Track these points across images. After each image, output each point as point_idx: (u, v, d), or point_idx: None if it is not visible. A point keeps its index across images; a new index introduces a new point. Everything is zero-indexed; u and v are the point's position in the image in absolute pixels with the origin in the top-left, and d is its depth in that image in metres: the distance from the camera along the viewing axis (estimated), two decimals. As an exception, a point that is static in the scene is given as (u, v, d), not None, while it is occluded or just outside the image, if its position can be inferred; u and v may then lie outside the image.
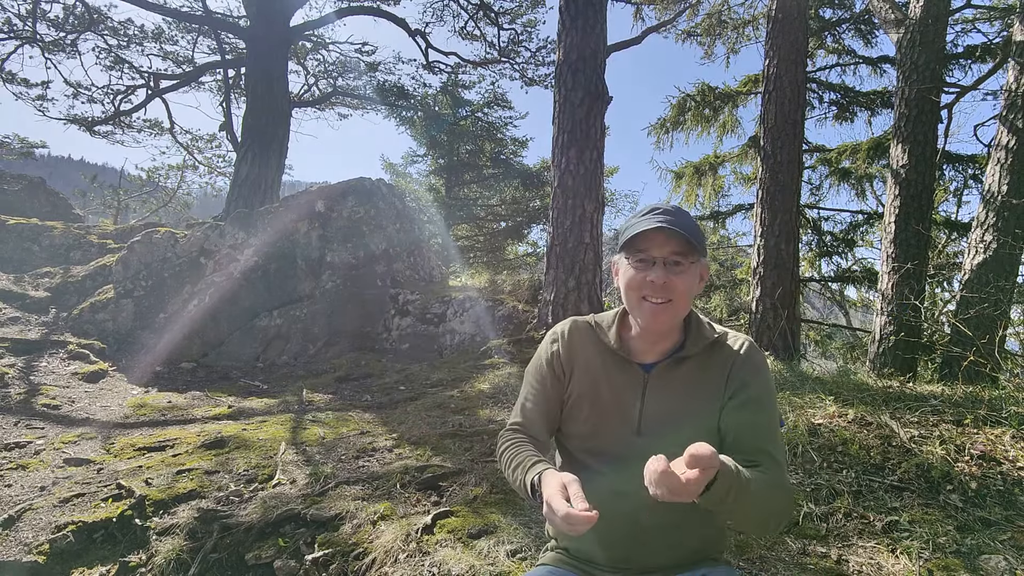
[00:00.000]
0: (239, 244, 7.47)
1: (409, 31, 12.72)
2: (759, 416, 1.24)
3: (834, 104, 9.73)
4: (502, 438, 1.39)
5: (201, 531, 2.63)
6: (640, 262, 1.23)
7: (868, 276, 9.60)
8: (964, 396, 3.49)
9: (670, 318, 1.25)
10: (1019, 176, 4.85)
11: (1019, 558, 2.06)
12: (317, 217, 7.80)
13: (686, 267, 1.22)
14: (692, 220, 1.25)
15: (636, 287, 1.24)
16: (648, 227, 1.18)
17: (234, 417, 4.53)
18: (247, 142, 10.48)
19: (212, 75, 13.95)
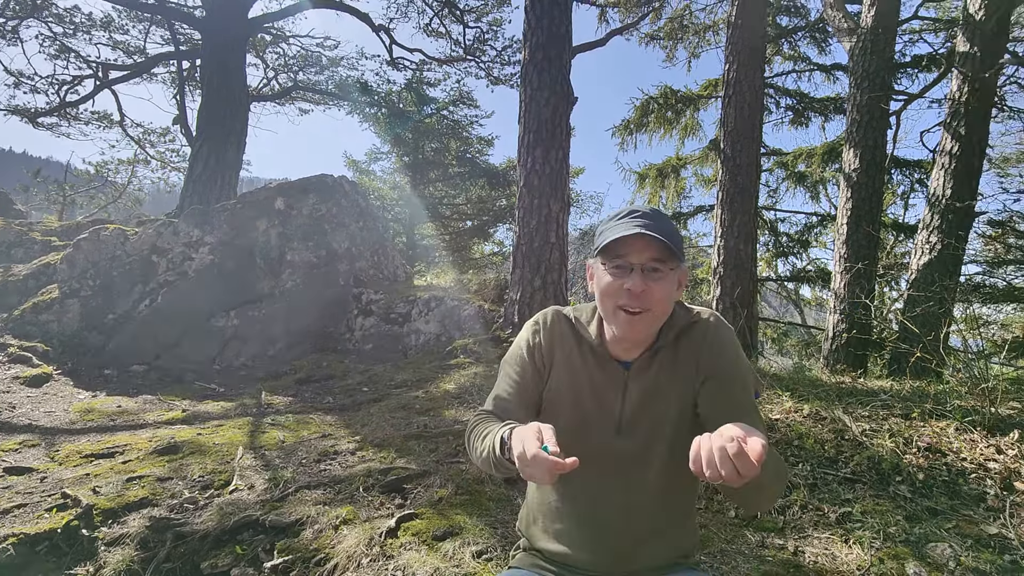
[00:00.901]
0: (194, 242, 7.21)
1: (373, 26, 12.52)
2: (735, 395, 1.23)
3: (790, 109, 10.06)
4: (470, 423, 1.33)
5: (153, 540, 2.52)
6: (617, 268, 1.17)
7: (822, 276, 9.97)
8: (911, 391, 3.65)
9: (646, 327, 1.21)
10: (962, 181, 5.11)
11: (963, 545, 2.16)
12: (277, 214, 7.60)
13: (665, 274, 1.16)
14: (671, 224, 1.20)
15: (612, 294, 1.18)
16: (627, 233, 1.12)
17: (189, 421, 4.36)
18: (202, 136, 10.12)
19: (165, 66, 13.42)
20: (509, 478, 2.94)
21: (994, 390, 3.21)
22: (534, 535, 1.40)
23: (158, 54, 12.72)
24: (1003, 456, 2.68)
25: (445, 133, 14.94)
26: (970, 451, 2.76)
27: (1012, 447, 2.73)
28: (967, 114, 5.13)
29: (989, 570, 2.02)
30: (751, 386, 1.28)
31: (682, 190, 11.38)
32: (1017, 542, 2.15)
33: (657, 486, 1.28)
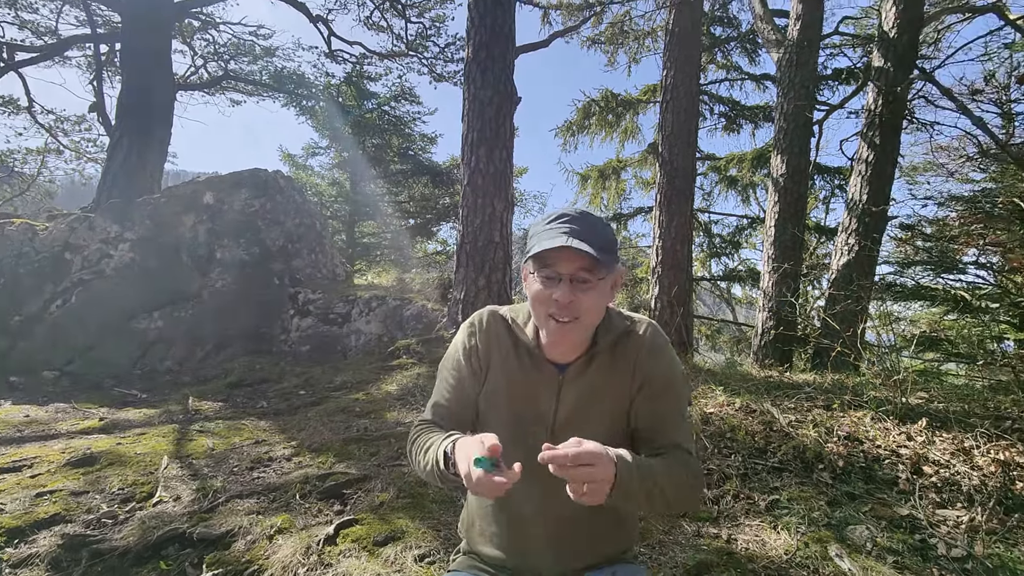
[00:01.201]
0: (112, 238, 6.73)
1: (310, 16, 12.10)
2: (665, 407, 1.25)
3: (723, 116, 10.51)
4: (411, 433, 1.29)
5: (67, 559, 2.33)
6: (546, 278, 1.15)
7: (751, 275, 10.48)
8: (832, 383, 3.89)
9: (577, 336, 1.21)
10: (877, 187, 5.48)
11: (879, 527, 2.32)
12: (205, 209, 7.21)
13: (594, 283, 1.14)
14: (603, 228, 1.17)
15: (542, 303, 1.17)
16: (552, 244, 1.10)
17: (107, 430, 4.06)
18: (122, 126, 9.44)
19: (80, 49, 12.44)
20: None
21: (904, 381, 3.46)
22: (473, 538, 1.39)
23: (72, 36, 11.76)
24: (912, 443, 2.90)
25: (387, 129, 14.62)
26: (884, 439, 2.97)
27: (920, 434, 2.95)
28: (881, 125, 5.52)
29: (901, 549, 2.18)
30: (684, 395, 1.31)
31: (622, 191, 11.67)
32: (926, 522, 2.33)
33: None
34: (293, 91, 13.41)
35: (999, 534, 2.25)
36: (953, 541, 2.21)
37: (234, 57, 13.04)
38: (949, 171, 8.23)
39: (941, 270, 5.57)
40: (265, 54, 12.97)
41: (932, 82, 5.74)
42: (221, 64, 13.16)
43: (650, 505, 1.05)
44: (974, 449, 2.76)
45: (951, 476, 2.61)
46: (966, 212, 6.03)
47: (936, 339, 5.08)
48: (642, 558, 2.19)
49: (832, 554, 2.12)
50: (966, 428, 2.92)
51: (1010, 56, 6.95)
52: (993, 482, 2.49)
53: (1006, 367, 3.56)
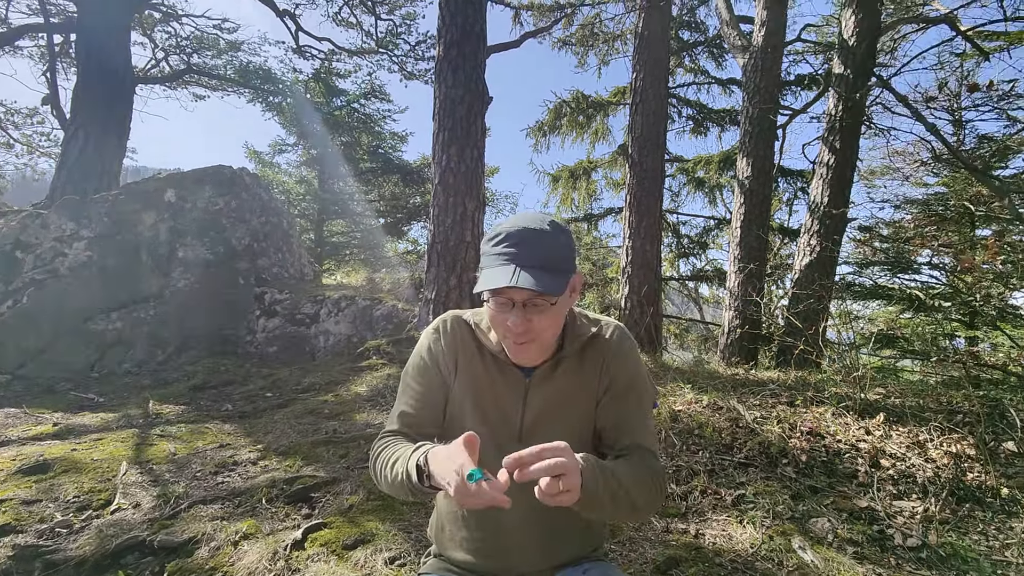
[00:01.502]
0: (67, 236, 6.47)
1: (277, 11, 11.86)
2: (630, 406, 1.26)
3: (691, 119, 10.69)
4: (375, 446, 1.25)
5: (18, 571, 2.23)
6: (500, 305, 1.12)
7: (718, 275, 10.69)
8: (795, 380, 4.00)
9: (537, 352, 1.19)
10: (837, 190, 5.66)
11: (839, 519, 2.39)
12: (167, 207, 6.99)
13: (546, 307, 1.10)
14: (550, 243, 1.09)
15: (499, 326, 1.15)
16: (499, 284, 1.03)
17: (62, 436, 3.90)
18: (79, 119, 9.07)
19: (33, 39, 11.91)
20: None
21: (863, 378, 3.59)
22: (442, 542, 1.39)
23: (23, 25, 11.25)
24: (871, 437, 3.00)
25: (356, 127, 14.42)
26: (844, 433, 3.06)
27: (878, 428, 3.06)
28: (841, 130, 5.70)
29: (861, 540, 2.25)
30: (649, 398, 1.31)
31: (593, 192, 11.76)
32: (883, 513, 2.42)
33: None
34: (259, 87, 13.11)
35: (951, 523, 2.35)
36: (909, 531, 2.30)
37: (197, 51, 12.68)
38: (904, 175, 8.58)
39: (897, 270, 5.79)
40: (230, 48, 12.64)
41: (889, 89, 5.94)
42: (183, 58, 12.77)
43: (615, 507, 1.04)
44: (928, 442, 2.87)
45: (907, 468, 2.71)
46: (920, 215, 6.28)
47: (892, 337, 5.27)
48: (612, 555, 2.22)
49: (795, 546, 2.18)
50: (921, 422, 3.04)
51: (961, 65, 7.27)
52: (946, 474, 2.60)
53: (957, 363, 3.72)
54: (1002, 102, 5.70)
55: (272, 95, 13.43)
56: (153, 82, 12.73)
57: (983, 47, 5.87)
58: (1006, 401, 3.07)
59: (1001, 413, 3.00)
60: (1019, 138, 6.34)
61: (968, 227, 5.93)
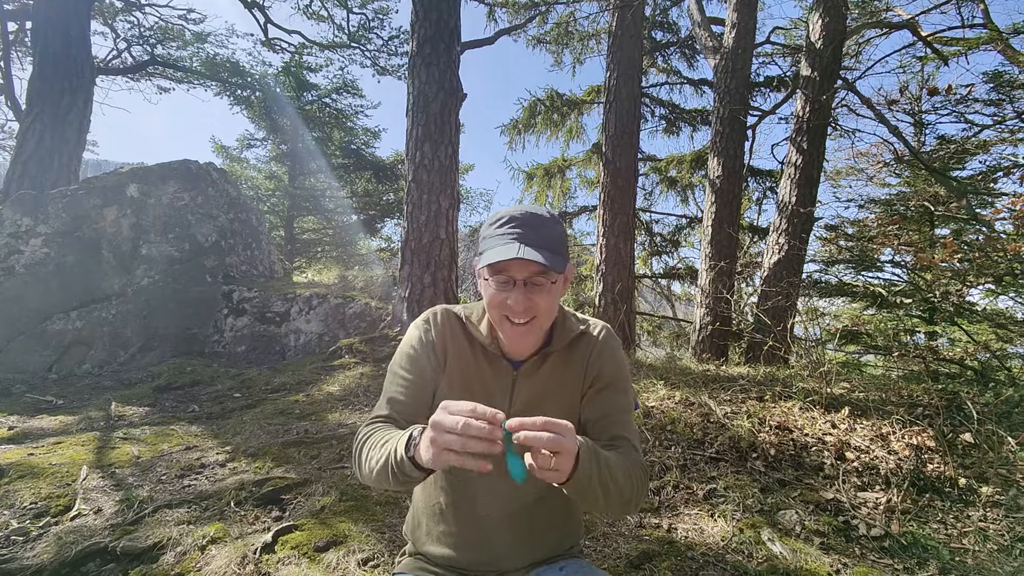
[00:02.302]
0: (23, 232, 6.21)
1: (245, 2, 11.58)
2: (614, 402, 1.28)
3: (663, 118, 10.81)
4: (361, 433, 1.22)
5: (-32, 583, 2.13)
6: (501, 284, 1.17)
7: (690, 273, 10.85)
8: (764, 376, 4.08)
9: (534, 336, 1.23)
10: (805, 189, 5.80)
11: (806, 510, 2.45)
12: (130, 202, 6.77)
13: (547, 285, 1.17)
14: (551, 228, 1.19)
15: (498, 306, 1.19)
16: (505, 257, 1.10)
17: (17, 440, 3.74)
18: (35, 110, 8.70)
19: (-15, 26, 11.39)
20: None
21: (829, 373, 3.68)
22: (419, 539, 1.38)
23: (-26, 11, 10.78)
24: (836, 430, 3.08)
25: (327, 122, 14.18)
26: (811, 427, 3.14)
27: (843, 422, 3.14)
28: (809, 131, 5.83)
29: (827, 531, 2.31)
30: (631, 395, 1.34)
31: (567, 190, 11.81)
32: (848, 504, 2.48)
33: (540, 485, 1.30)
34: (227, 80, 12.79)
35: (913, 513, 2.42)
36: (873, 521, 2.37)
37: (161, 42, 12.28)
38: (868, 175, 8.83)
39: (861, 268, 5.96)
40: (196, 40, 12.28)
41: (854, 91, 6.11)
42: (147, 48, 12.36)
43: (605, 497, 1.04)
44: (891, 435, 2.96)
45: (870, 461, 2.79)
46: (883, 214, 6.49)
47: (856, 333, 5.43)
48: (587, 551, 2.23)
49: (765, 538, 2.23)
50: (883, 415, 3.13)
51: (922, 69, 7.51)
52: (907, 465, 2.68)
53: (917, 358, 3.85)
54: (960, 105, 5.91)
55: (240, 88, 13.11)
56: (115, 73, 12.29)
57: (943, 52, 6.08)
58: (963, 394, 3.18)
59: (959, 406, 3.11)
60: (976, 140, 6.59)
61: (928, 226, 6.14)
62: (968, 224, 5.61)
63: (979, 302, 5.02)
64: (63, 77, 8.87)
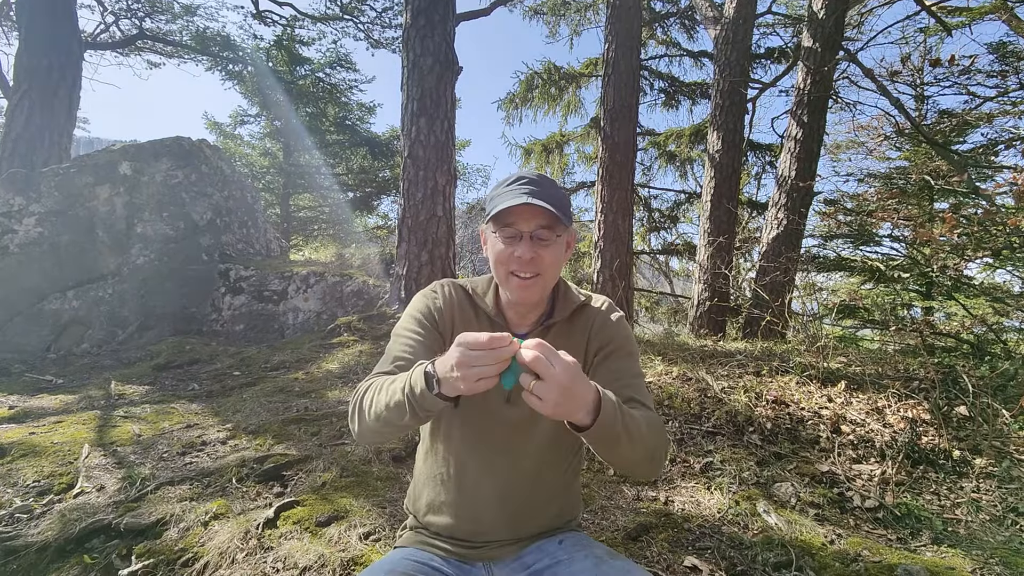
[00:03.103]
0: (16, 211, 6.15)
1: (235, -27, 11.28)
2: (623, 367, 1.29)
3: (663, 92, 10.65)
4: (364, 386, 1.22)
5: (-26, 559, 2.16)
6: (508, 237, 1.22)
7: (688, 249, 10.83)
8: (762, 351, 4.10)
9: (539, 292, 1.26)
10: (805, 163, 5.74)
11: (802, 483, 2.48)
12: (122, 180, 6.69)
13: (552, 240, 1.22)
14: (558, 189, 1.25)
15: (504, 261, 1.22)
16: (514, 203, 1.15)
17: (18, 419, 3.76)
18: (23, 87, 8.53)
19: (-33, 0, 11.12)
20: (398, 456, 2.89)
21: (826, 347, 3.70)
22: (420, 510, 1.39)
23: (-44, -16, 10.49)
24: (833, 404, 3.11)
25: (321, 97, 13.93)
26: (808, 401, 3.16)
27: (839, 396, 3.17)
28: (809, 103, 5.75)
29: (822, 502, 2.34)
30: (638, 361, 1.35)
31: (565, 166, 11.70)
32: (843, 476, 2.51)
33: (542, 456, 1.32)
34: (218, 54, 12.53)
35: (907, 485, 2.46)
36: (867, 493, 2.40)
37: (150, 15, 11.99)
38: (868, 149, 8.76)
39: (860, 243, 5.95)
40: (185, 13, 12.00)
41: (856, 63, 6.01)
42: (135, 22, 12.07)
43: (631, 442, 1.04)
44: (886, 408, 2.98)
45: (866, 434, 2.82)
46: (882, 188, 6.44)
47: (854, 307, 5.44)
48: (585, 524, 2.26)
49: (760, 510, 2.26)
50: (879, 389, 3.16)
51: (924, 40, 7.39)
52: (902, 438, 2.71)
53: (914, 332, 3.86)
54: (963, 77, 5.83)
55: (232, 63, 12.86)
56: (103, 48, 12.02)
57: (946, 22, 5.96)
58: (959, 368, 3.20)
59: (954, 379, 3.13)
60: (978, 113, 6.52)
61: (927, 200, 6.11)
62: (968, 198, 5.58)
63: (976, 276, 5.03)
64: (50, 52, 8.68)
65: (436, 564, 1.28)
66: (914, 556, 1.94)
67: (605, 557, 1.24)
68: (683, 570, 1.90)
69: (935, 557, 1.97)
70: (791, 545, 1.96)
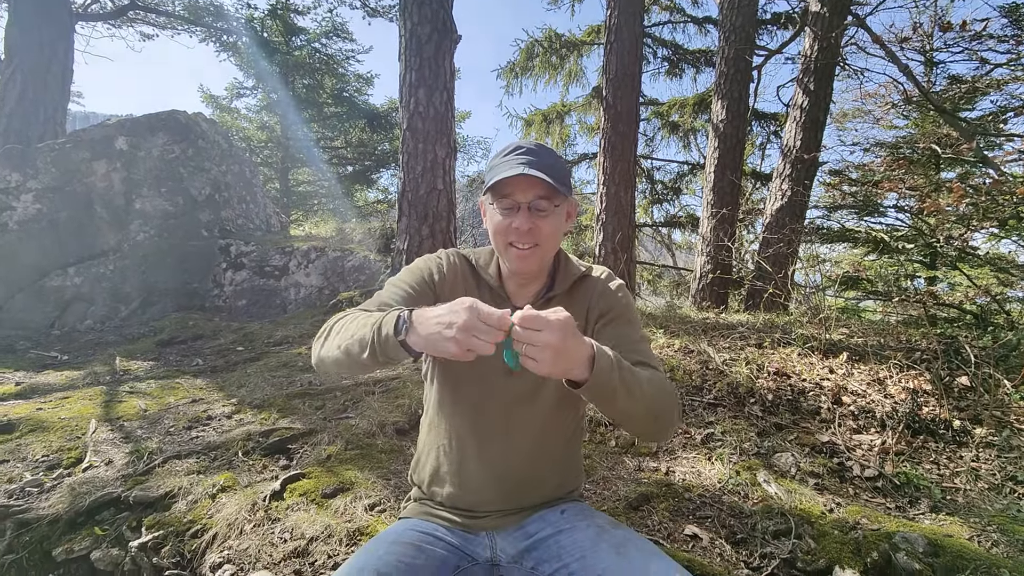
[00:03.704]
0: (13, 188, 6.10)
1: (227, -61, 10.98)
2: (624, 333, 1.28)
3: (666, 60, 10.43)
4: (340, 316, 1.24)
5: (-11, 531, 2.20)
6: (505, 209, 1.21)
7: (691, 221, 10.75)
8: (764, 323, 4.09)
9: (537, 262, 1.26)
10: (810, 133, 5.65)
11: (802, 453, 2.50)
12: (119, 156, 6.62)
13: (550, 211, 1.21)
14: (557, 158, 1.24)
15: (502, 232, 1.23)
16: (510, 173, 1.15)
17: (25, 395, 3.80)
18: (14, 62, 8.38)
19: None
20: (401, 429, 2.91)
21: (828, 319, 3.69)
22: (423, 481, 1.41)
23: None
24: (834, 375, 3.11)
25: (318, 68, 13.68)
26: (809, 372, 3.17)
27: (841, 367, 3.17)
28: (816, 71, 5.63)
29: (821, 472, 2.36)
30: (640, 326, 1.35)
31: (567, 137, 11.55)
32: (843, 447, 2.53)
33: (543, 426, 1.33)
34: (211, 24, 12.27)
35: (906, 454, 2.48)
36: (867, 462, 2.42)
37: (140, -17, 11.70)
38: (875, 117, 8.61)
39: (864, 213, 5.89)
40: (176, -20, 11.72)
41: (865, 28, 5.85)
42: (125, -9, 11.79)
43: (629, 395, 1.04)
44: (887, 379, 2.99)
45: (867, 404, 2.83)
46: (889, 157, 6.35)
47: (857, 279, 5.43)
48: (587, 494, 2.29)
49: (760, 480, 2.28)
50: (881, 360, 3.16)
51: (935, 3, 7.18)
52: (903, 408, 2.72)
53: (917, 303, 3.85)
54: (974, 42, 5.68)
55: (226, 34, 12.60)
56: (94, 19, 11.75)
57: (959, -16, 5.79)
58: (961, 338, 3.20)
59: (956, 349, 3.13)
60: (988, 79, 6.37)
61: (934, 169, 6.03)
62: (975, 167, 5.50)
63: (981, 246, 4.99)
64: (41, 25, 8.50)
65: (440, 534, 1.30)
66: (912, 524, 1.96)
67: (607, 526, 1.26)
68: (683, 538, 1.93)
69: (933, 525, 1.99)
70: (790, 514, 1.98)
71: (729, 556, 1.81)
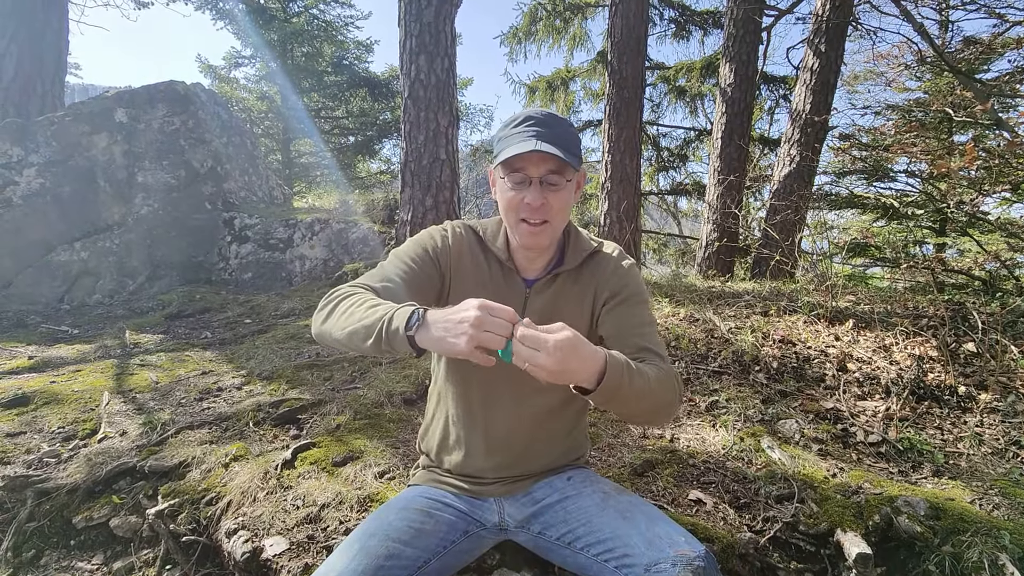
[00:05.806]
0: (16, 163, 6.08)
1: (219, -99, 10.64)
2: (633, 315, 1.28)
3: (673, 22, 10.15)
4: (342, 288, 1.19)
5: (11, 500, 2.27)
6: (517, 183, 1.20)
7: (697, 189, 10.62)
8: (770, 291, 4.08)
9: (548, 237, 1.25)
10: (821, 96, 5.52)
11: (806, 420, 2.52)
12: (119, 128, 6.56)
13: (562, 185, 1.20)
14: (568, 129, 1.21)
15: (514, 208, 1.21)
16: (522, 149, 1.13)
17: (38, 369, 3.86)
18: (9, 33, 8.23)
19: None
20: (409, 399, 2.95)
21: (834, 286, 3.67)
22: (432, 449, 1.43)
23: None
24: (840, 342, 3.11)
25: (317, 36, 13.38)
26: (815, 340, 3.17)
27: (847, 334, 3.17)
28: (827, 31, 5.47)
29: (825, 438, 2.39)
30: (649, 309, 1.34)
31: (571, 104, 11.35)
32: (848, 413, 2.55)
33: (549, 395, 1.34)
34: (207, -9, 11.99)
35: (910, 420, 2.49)
36: (871, 428, 2.44)
37: (132, -52, 11.39)
38: (888, 80, 8.38)
39: (874, 179, 5.80)
40: (169, -55, 11.39)
41: (879, -15, 5.67)
42: (117, -42, 11.50)
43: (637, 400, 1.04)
44: (893, 346, 2.99)
45: (872, 371, 2.84)
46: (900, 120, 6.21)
47: (865, 245, 5.37)
48: (592, 461, 2.32)
49: (764, 446, 2.31)
50: (887, 327, 3.15)
51: (954, -42, 6.91)
52: (908, 374, 2.73)
53: (925, 269, 3.82)
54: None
55: (222, 0, 12.32)
56: (87, -13, 11.52)
57: (979, -63, 5.56)
58: (969, 304, 3.18)
59: (964, 316, 3.12)
60: (1005, 39, 6.18)
61: (946, 133, 5.90)
62: (989, 129, 5.37)
63: (993, 211, 4.92)
64: (31, -7, 8.31)
65: (449, 500, 1.33)
66: (915, 488, 1.98)
67: (612, 492, 1.28)
68: (688, 503, 1.96)
69: (935, 488, 2.02)
70: (794, 478, 2.01)
71: (732, 520, 1.84)
